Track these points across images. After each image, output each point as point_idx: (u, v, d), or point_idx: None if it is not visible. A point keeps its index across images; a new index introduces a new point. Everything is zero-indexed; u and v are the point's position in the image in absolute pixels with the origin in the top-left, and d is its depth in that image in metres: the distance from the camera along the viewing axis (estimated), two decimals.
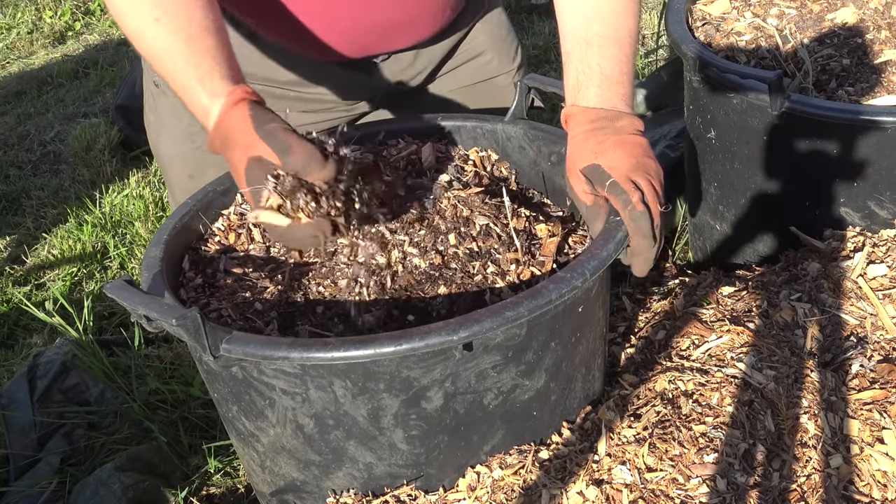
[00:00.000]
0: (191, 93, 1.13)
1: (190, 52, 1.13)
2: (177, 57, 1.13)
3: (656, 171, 1.16)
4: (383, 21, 1.39)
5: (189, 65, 1.13)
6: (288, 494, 1.27)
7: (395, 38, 1.44)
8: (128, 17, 1.16)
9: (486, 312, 1.01)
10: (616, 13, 1.22)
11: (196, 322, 0.99)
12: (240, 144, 1.08)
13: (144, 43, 1.17)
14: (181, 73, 1.13)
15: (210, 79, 1.12)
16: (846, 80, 1.74)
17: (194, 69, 1.12)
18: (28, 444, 1.84)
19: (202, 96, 1.12)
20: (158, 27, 1.13)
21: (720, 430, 1.21)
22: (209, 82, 1.12)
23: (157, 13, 1.13)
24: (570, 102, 1.23)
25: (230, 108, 1.10)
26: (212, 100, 1.12)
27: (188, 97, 1.14)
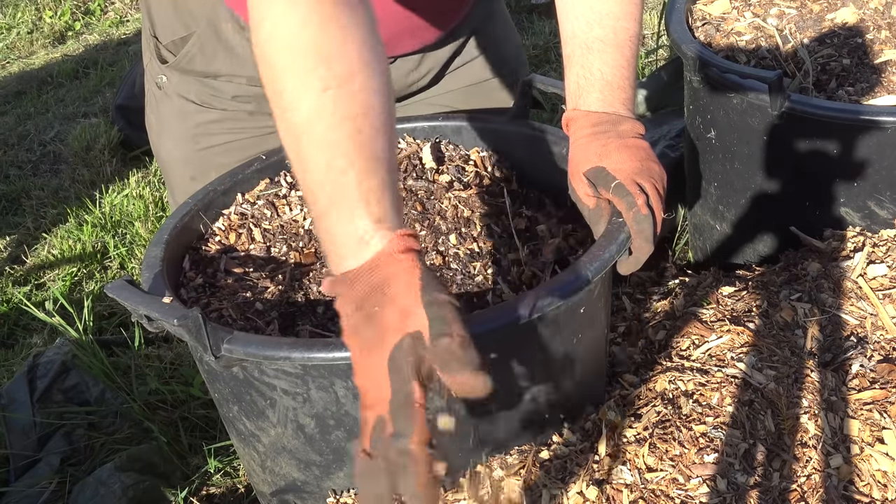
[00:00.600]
0: (343, 204, 0.84)
1: (358, 155, 0.85)
2: (337, 153, 0.85)
3: (660, 176, 1.16)
4: (394, 28, 1.39)
5: (353, 170, 0.84)
6: (288, 494, 1.27)
7: (403, 43, 1.45)
8: (286, 76, 0.87)
9: (487, 313, 1.01)
10: (617, 17, 1.22)
11: (197, 322, 0.99)
12: (398, 304, 0.81)
13: (296, 114, 0.86)
14: (335, 174, 0.84)
15: (378, 202, 0.84)
16: (846, 80, 1.74)
17: (358, 179, 0.84)
18: (28, 444, 1.84)
19: (363, 217, 0.83)
20: (325, 98, 0.85)
21: (720, 430, 1.21)
22: (376, 206, 0.84)
23: (328, 79, 0.86)
24: (572, 106, 1.23)
25: (399, 253, 0.83)
26: (376, 229, 0.83)
27: (332, 206, 0.84)
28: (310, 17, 0.87)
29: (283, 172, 1.42)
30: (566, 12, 1.26)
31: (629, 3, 1.23)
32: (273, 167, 1.42)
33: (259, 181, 1.40)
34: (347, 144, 0.84)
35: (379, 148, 0.86)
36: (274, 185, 1.39)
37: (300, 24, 0.87)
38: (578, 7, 1.24)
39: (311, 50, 0.87)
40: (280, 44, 0.88)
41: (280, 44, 0.88)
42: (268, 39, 0.89)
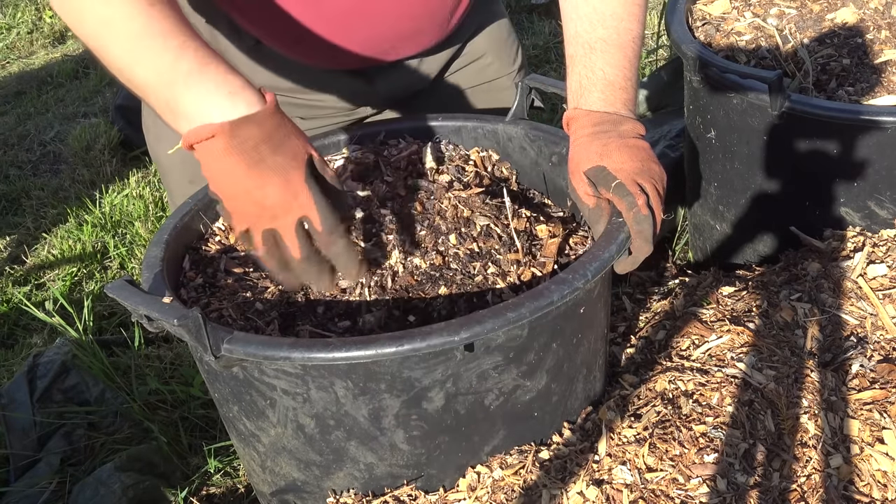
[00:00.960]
0: (209, 69, 0.98)
1: (194, 36, 1.00)
2: (177, 35, 0.99)
3: (660, 176, 1.16)
4: (390, 33, 1.39)
5: (192, 43, 0.99)
6: (288, 494, 1.27)
7: (402, 48, 1.45)
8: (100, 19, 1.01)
9: (487, 313, 1.01)
10: (620, 17, 1.22)
11: (197, 322, 0.99)
12: (300, 136, 1.01)
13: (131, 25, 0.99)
14: (187, 50, 0.98)
15: (228, 63, 1.00)
16: (846, 80, 1.74)
17: (207, 51, 0.99)
18: (28, 444, 1.84)
19: (236, 76, 0.99)
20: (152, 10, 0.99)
21: (720, 430, 1.21)
22: (237, 73, 1.00)
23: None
24: (573, 105, 1.23)
25: (274, 105, 1.00)
26: (244, 83, 0.99)
27: (201, 69, 0.98)
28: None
29: None
30: (569, 13, 1.26)
31: (632, 3, 1.23)
32: None
33: None
34: (191, 32, 1.00)
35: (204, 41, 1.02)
36: None
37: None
38: (582, 7, 1.24)
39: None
40: None
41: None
42: None
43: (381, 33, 1.38)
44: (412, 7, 1.37)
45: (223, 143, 0.96)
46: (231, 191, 1.00)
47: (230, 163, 0.97)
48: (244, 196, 1.00)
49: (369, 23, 1.35)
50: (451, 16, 1.44)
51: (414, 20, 1.39)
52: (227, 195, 1.01)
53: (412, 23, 1.40)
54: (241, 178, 0.98)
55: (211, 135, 0.96)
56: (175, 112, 0.99)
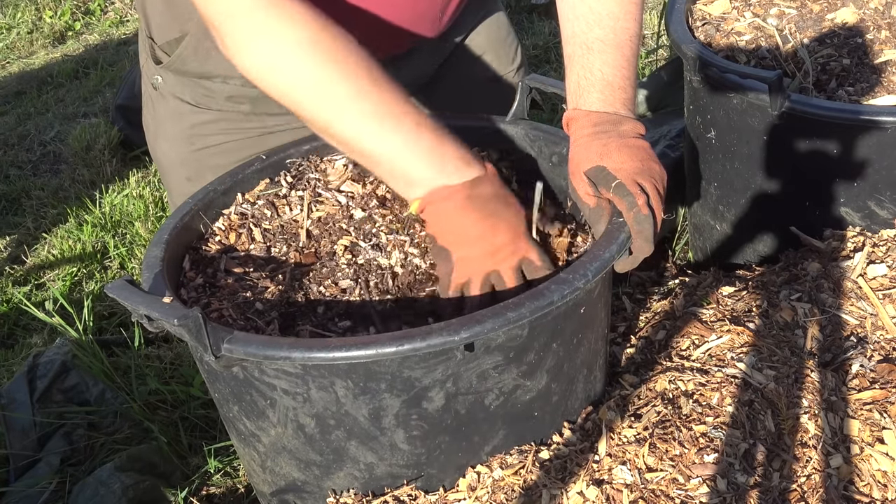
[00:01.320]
0: (435, 142, 1.12)
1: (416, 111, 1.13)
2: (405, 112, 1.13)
3: (661, 176, 1.16)
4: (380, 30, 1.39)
5: (426, 124, 1.13)
6: (288, 494, 1.27)
7: (397, 43, 1.44)
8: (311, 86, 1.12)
9: (487, 313, 1.01)
10: (617, 17, 1.22)
11: (197, 322, 0.99)
12: (518, 203, 1.16)
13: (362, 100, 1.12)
14: (413, 126, 1.12)
15: (458, 142, 1.14)
16: (846, 80, 1.74)
17: (431, 131, 1.13)
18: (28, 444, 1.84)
19: (463, 146, 1.13)
20: (370, 83, 1.12)
21: (720, 430, 1.21)
22: (460, 143, 1.14)
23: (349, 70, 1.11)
24: (572, 106, 1.23)
25: (496, 171, 1.16)
26: (473, 153, 1.14)
27: (435, 142, 1.12)
28: (302, 34, 1.10)
29: (283, 172, 1.42)
30: (566, 13, 1.26)
31: (629, 2, 1.23)
32: (273, 167, 1.42)
33: (259, 181, 1.40)
34: (416, 109, 1.13)
35: (411, 101, 1.14)
36: (274, 185, 1.39)
37: (296, 44, 1.10)
38: (578, 7, 1.24)
39: (320, 57, 1.10)
40: (284, 68, 1.12)
41: (284, 68, 1.12)
42: (269, 68, 1.13)
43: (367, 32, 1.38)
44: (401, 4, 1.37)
45: (460, 200, 1.11)
46: (463, 240, 1.13)
47: (465, 217, 1.11)
48: (476, 243, 1.12)
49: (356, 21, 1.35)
50: (442, 14, 1.44)
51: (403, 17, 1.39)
52: (459, 244, 1.13)
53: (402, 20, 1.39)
54: (474, 229, 1.12)
55: (449, 194, 1.11)
56: (410, 181, 1.13)
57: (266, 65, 1.12)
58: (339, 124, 1.12)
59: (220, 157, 1.49)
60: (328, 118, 1.12)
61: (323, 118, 1.12)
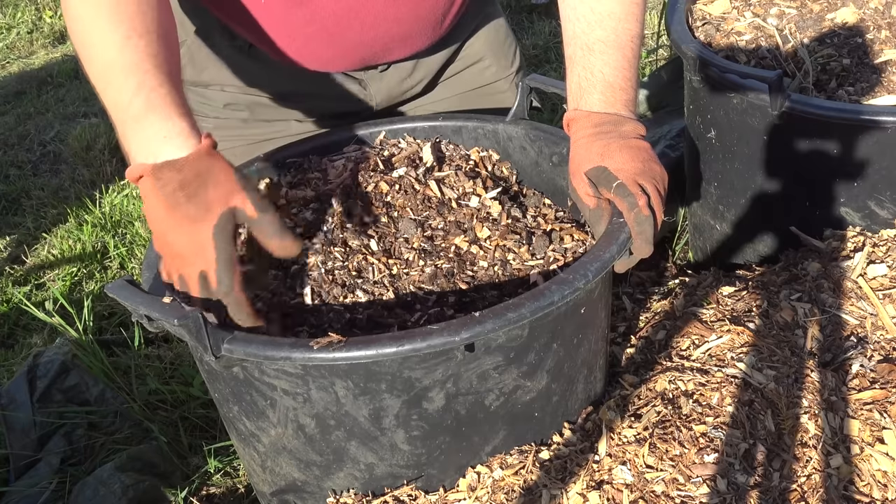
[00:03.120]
0: (159, 110, 1.03)
1: (166, 76, 1.05)
2: (148, 76, 1.04)
3: (662, 177, 1.16)
4: (382, 36, 1.39)
5: (164, 87, 1.04)
6: (288, 494, 1.27)
7: (394, 50, 1.44)
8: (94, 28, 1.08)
9: (487, 313, 1.01)
10: (618, 18, 1.22)
11: (198, 322, 0.99)
12: (222, 186, 1.01)
13: (107, 52, 1.06)
14: (148, 90, 1.03)
15: (187, 112, 1.05)
16: (846, 80, 1.74)
17: (169, 92, 1.04)
18: (28, 444, 1.84)
19: (180, 119, 1.03)
20: (129, 43, 1.05)
21: (720, 430, 1.21)
22: (187, 114, 1.05)
23: (126, 30, 1.06)
24: (573, 106, 1.23)
25: (213, 150, 1.04)
26: (191, 130, 1.03)
27: (149, 111, 1.02)
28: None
29: (283, 172, 1.42)
30: (567, 13, 1.26)
31: (631, 3, 1.23)
32: (273, 167, 1.42)
33: (259, 181, 1.40)
34: (154, 70, 1.04)
35: (175, 72, 1.08)
36: (274, 185, 1.39)
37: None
38: (580, 8, 1.24)
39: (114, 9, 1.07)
40: (82, 18, 1.09)
41: (82, 18, 1.09)
42: (74, 14, 1.11)
43: (372, 36, 1.38)
44: (403, 10, 1.37)
45: (150, 184, 1.01)
46: (155, 229, 1.04)
47: (155, 203, 1.01)
48: (162, 237, 1.03)
49: (360, 25, 1.35)
50: (444, 18, 1.44)
51: (404, 23, 1.39)
52: (153, 232, 1.05)
53: (403, 26, 1.39)
54: (162, 220, 1.02)
55: (140, 175, 1.02)
56: (126, 149, 1.05)
57: (69, 15, 1.12)
58: (88, 70, 1.08)
59: None
60: (83, 61, 1.09)
61: (81, 58, 1.09)
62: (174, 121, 1.03)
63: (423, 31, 1.42)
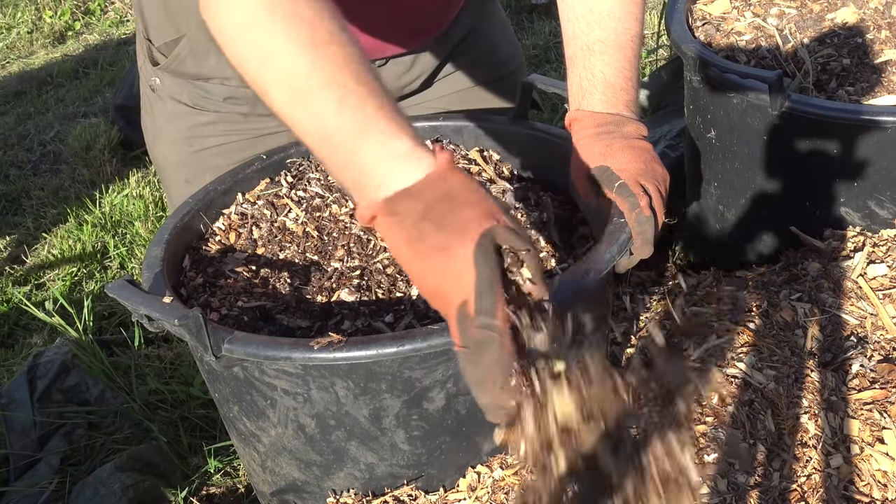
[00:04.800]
0: (373, 131, 0.86)
1: (367, 89, 0.88)
2: (346, 93, 0.88)
3: (663, 178, 1.16)
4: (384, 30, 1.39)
5: (369, 103, 0.88)
6: (288, 494, 1.27)
7: (393, 46, 1.44)
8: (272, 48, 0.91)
9: None
10: (618, 18, 1.22)
11: (198, 322, 0.99)
12: (480, 205, 0.84)
13: (294, 76, 0.90)
14: (351, 111, 0.87)
15: (405, 123, 0.88)
16: (846, 80, 1.74)
17: (378, 107, 0.87)
18: (28, 444, 1.84)
19: (402, 137, 0.86)
20: (318, 53, 0.89)
21: (720, 430, 1.21)
22: (407, 126, 0.88)
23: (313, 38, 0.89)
24: (575, 107, 1.23)
25: (454, 165, 0.87)
26: (418, 145, 0.87)
27: (361, 136, 0.86)
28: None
29: (283, 172, 1.42)
30: (567, 14, 1.26)
31: (630, 3, 1.23)
32: (273, 167, 1.42)
33: (259, 181, 1.41)
34: (351, 83, 0.88)
35: (379, 82, 0.90)
36: (274, 185, 1.39)
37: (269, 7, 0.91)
38: (579, 8, 1.24)
39: (289, 18, 0.90)
40: (254, 28, 0.92)
41: (254, 28, 0.92)
42: (241, 25, 0.93)
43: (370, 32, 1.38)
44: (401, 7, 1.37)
45: (386, 223, 0.86)
46: (406, 268, 0.89)
47: (398, 241, 0.86)
48: (413, 276, 0.89)
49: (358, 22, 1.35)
50: (444, 16, 1.44)
51: (405, 20, 1.39)
52: (407, 271, 0.90)
53: (401, 23, 1.39)
54: (408, 259, 0.86)
55: (372, 216, 0.86)
56: (342, 182, 0.92)
57: (233, 28, 0.95)
58: (270, 93, 0.93)
59: (219, 158, 1.49)
60: (298, 81, 0.91)
61: (259, 87, 0.94)
62: (397, 138, 0.86)
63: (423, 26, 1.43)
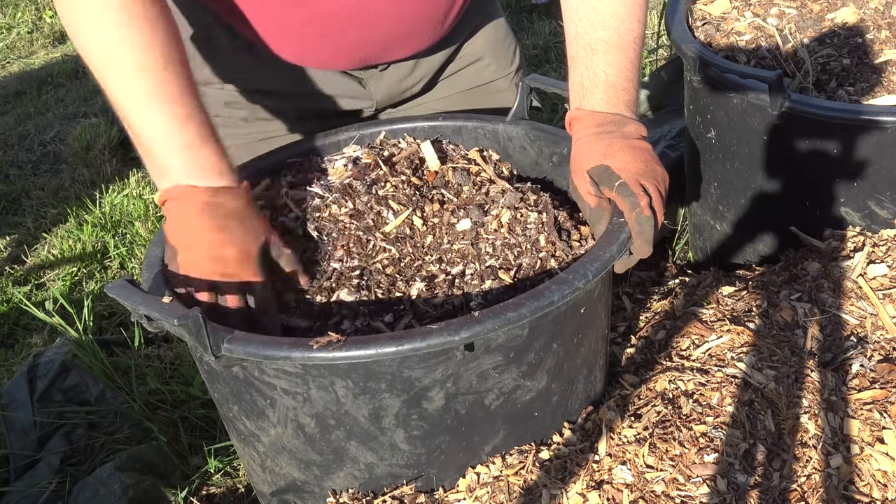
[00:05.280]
0: (206, 141, 1.12)
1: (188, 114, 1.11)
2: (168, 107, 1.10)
3: (663, 178, 1.16)
4: (382, 35, 1.39)
5: (197, 117, 1.12)
6: (288, 494, 1.27)
7: (395, 50, 1.44)
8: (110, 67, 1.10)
9: (487, 313, 1.01)
10: (621, 18, 1.22)
11: (198, 322, 0.99)
12: (260, 222, 1.16)
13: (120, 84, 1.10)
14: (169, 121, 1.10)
15: (221, 145, 1.14)
16: (846, 80, 1.74)
17: (197, 128, 1.11)
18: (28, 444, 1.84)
19: (223, 156, 1.13)
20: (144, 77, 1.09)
21: (720, 429, 1.21)
22: (222, 151, 1.14)
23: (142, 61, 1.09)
24: (576, 106, 1.23)
25: (248, 190, 1.16)
26: (230, 167, 1.14)
27: (195, 141, 1.11)
28: (120, 18, 1.07)
29: (284, 172, 1.42)
30: (570, 14, 1.26)
31: (633, 4, 1.23)
32: (273, 167, 1.42)
33: (259, 181, 1.41)
34: (198, 104, 1.12)
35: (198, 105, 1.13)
36: (274, 186, 1.39)
37: (115, 25, 1.08)
38: (582, 9, 1.24)
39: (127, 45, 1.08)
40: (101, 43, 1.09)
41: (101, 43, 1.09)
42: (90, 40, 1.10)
43: (372, 36, 1.38)
44: (404, 10, 1.37)
45: (198, 204, 1.10)
46: (191, 244, 1.12)
47: (199, 221, 1.10)
48: (203, 249, 1.11)
49: (360, 25, 1.35)
50: (445, 18, 1.44)
51: (406, 23, 1.39)
52: (186, 247, 1.12)
53: (404, 25, 1.39)
54: (204, 235, 1.10)
55: (190, 195, 1.10)
56: (162, 170, 1.12)
57: (74, 22, 1.10)
58: (115, 92, 1.10)
59: None
60: (110, 84, 1.10)
61: (107, 82, 1.10)
62: (224, 160, 1.13)
63: (424, 30, 1.42)
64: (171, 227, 1.13)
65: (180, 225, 1.12)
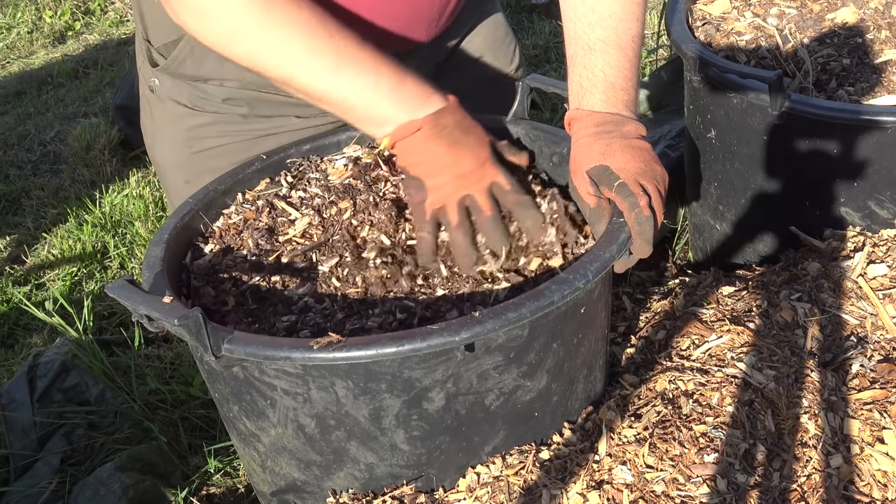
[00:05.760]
0: (403, 78, 1.17)
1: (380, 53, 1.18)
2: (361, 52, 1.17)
3: (663, 178, 1.16)
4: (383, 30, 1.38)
5: (383, 68, 1.17)
6: (288, 494, 1.27)
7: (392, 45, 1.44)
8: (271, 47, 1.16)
9: (487, 313, 1.01)
10: (619, 18, 1.22)
11: (198, 322, 0.99)
12: (479, 126, 1.21)
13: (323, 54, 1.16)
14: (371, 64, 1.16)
15: (416, 77, 1.19)
16: (846, 80, 1.74)
17: (389, 70, 1.17)
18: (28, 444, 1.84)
19: (422, 81, 1.19)
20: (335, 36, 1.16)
21: (720, 430, 1.21)
22: (418, 79, 1.19)
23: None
24: (575, 106, 1.23)
25: (457, 101, 1.21)
26: (434, 87, 1.19)
27: (395, 82, 1.16)
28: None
29: (284, 172, 1.42)
30: (568, 13, 1.26)
31: (631, 3, 1.23)
32: (273, 167, 1.42)
33: (259, 181, 1.41)
34: (376, 51, 1.18)
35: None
36: (274, 185, 1.39)
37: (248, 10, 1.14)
38: (580, 8, 1.24)
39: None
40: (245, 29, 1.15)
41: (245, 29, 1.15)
42: (229, 38, 1.17)
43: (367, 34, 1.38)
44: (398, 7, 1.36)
45: (427, 132, 1.16)
46: (433, 168, 1.18)
47: (433, 146, 1.16)
48: (445, 170, 1.17)
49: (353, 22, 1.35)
50: (440, 15, 1.44)
51: (400, 20, 1.39)
52: (430, 173, 1.18)
53: (399, 23, 1.39)
54: (442, 157, 1.17)
55: (417, 128, 1.16)
56: (376, 120, 1.18)
57: (225, 35, 1.16)
58: (302, 80, 1.17)
59: (218, 159, 1.48)
60: (291, 75, 1.16)
61: (287, 76, 1.17)
62: (424, 85, 1.19)
63: (419, 26, 1.42)
64: (409, 160, 1.19)
65: (418, 156, 1.18)
